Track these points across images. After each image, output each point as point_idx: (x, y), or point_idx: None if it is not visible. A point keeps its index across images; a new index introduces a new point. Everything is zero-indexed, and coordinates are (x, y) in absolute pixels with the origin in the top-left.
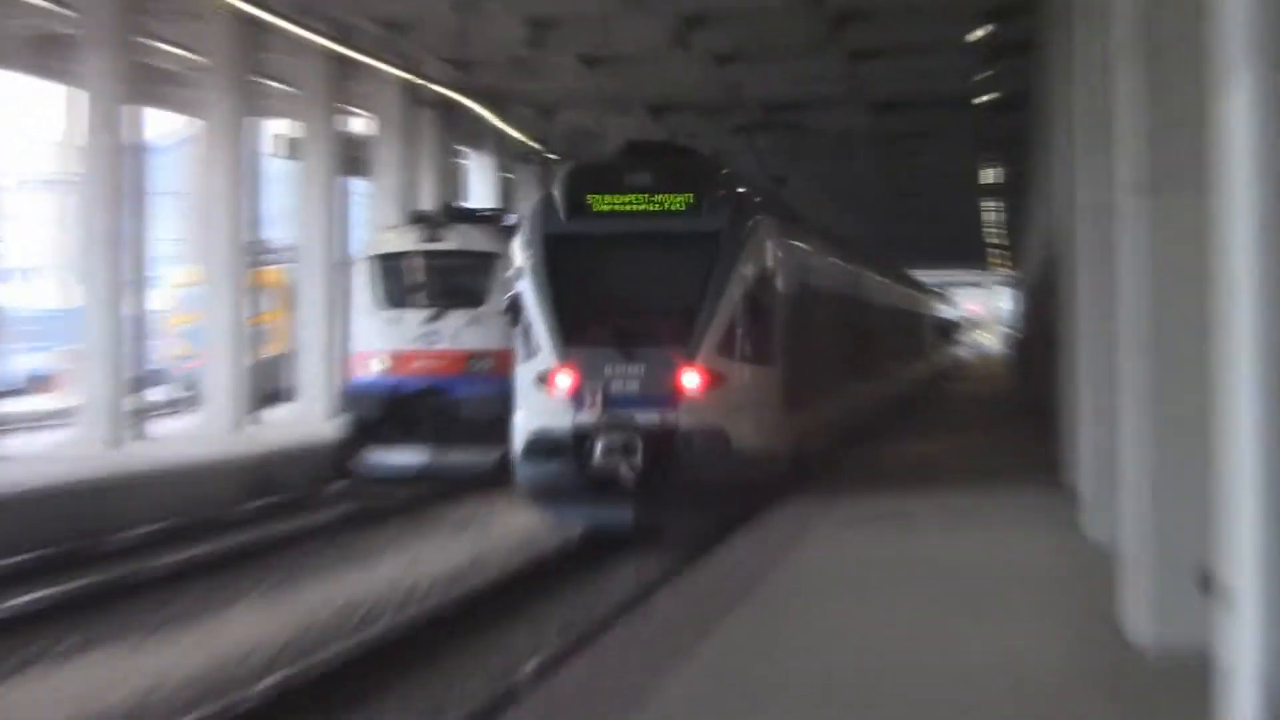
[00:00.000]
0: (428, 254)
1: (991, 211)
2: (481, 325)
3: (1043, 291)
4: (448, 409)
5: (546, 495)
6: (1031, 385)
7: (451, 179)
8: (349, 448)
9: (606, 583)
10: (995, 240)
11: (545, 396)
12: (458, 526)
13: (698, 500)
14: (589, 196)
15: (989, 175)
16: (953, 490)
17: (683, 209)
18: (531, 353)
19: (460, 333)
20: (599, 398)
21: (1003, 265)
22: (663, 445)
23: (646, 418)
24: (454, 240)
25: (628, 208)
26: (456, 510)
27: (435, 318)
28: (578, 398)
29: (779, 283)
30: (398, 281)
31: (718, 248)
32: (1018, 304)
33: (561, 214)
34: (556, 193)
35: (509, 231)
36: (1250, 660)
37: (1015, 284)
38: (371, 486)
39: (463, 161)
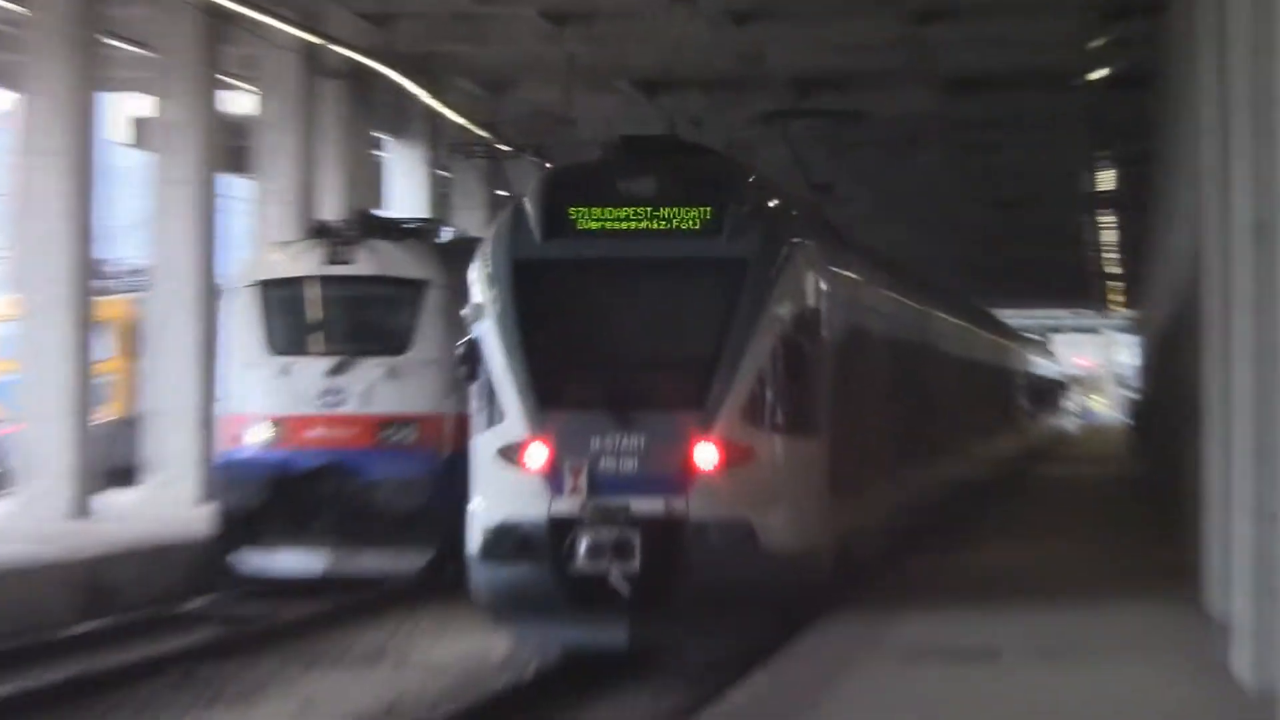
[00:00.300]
0: (331, 281)
1: (1108, 229)
2: (404, 380)
3: (1179, 339)
4: (356, 495)
5: (512, 608)
6: (1160, 468)
7: (366, 177)
8: (220, 546)
9: None
10: (1113, 270)
11: (512, 477)
12: (368, 658)
13: (713, 616)
14: (572, 210)
15: (1104, 180)
16: (1051, 613)
17: (698, 228)
18: (494, 419)
19: (374, 390)
20: (584, 479)
21: (1123, 304)
22: (668, 543)
23: (647, 506)
24: (368, 262)
25: (624, 225)
26: (367, 634)
27: (340, 369)
28: (555, 479)
29: (825, 327)
30: (289, 319)
31: (744, 280)
32: (1143, 356)
33: (536, 233)
34: (529, 205)
35: (445, 251)
36: None
37: (1140, 329)
38: (251, 600)
39: (382, 154)
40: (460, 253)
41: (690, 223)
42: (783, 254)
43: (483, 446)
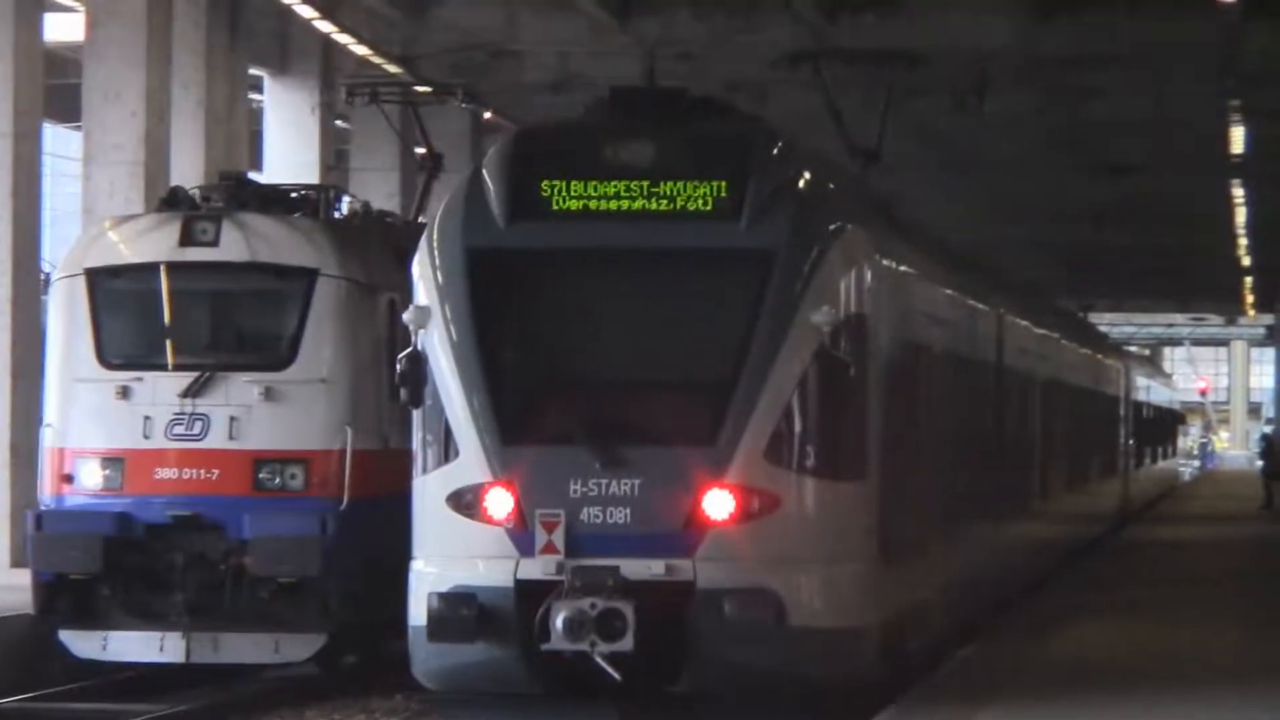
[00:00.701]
0: (188, 269)
1: (1244, 205)
2: (287, 404)
3: None
4: (222, 558)
5: (468, 699)
6: None
7: (237, 129)
8: (43, 626)
9: None
10: (1249, 261)
11: (468, 530)
12: None
13: (726, 711)
14: (546, 185)
15: (1239, 139)
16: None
17: (710, 209)
18: (444, 456)
19: (247, 418)
20: (560, 534)
21: (1261, 306)
22: (670, 616)
23: (642, 569)
24: (238, 244)
25: (614, 205)
26: None
27: (199, 389)
28: (524, 533)
29: (874, 339)
30: (131, 320)
31: (770, 277)
32: None
33: (498, 215)
34: (489, 176)
35: (343, 230)
36: None
37: None
38: (86, 696)
39: (258, 98)
40: (363, 231)
41: (700, 202)
42: (820, 244)
43: (428, 491)
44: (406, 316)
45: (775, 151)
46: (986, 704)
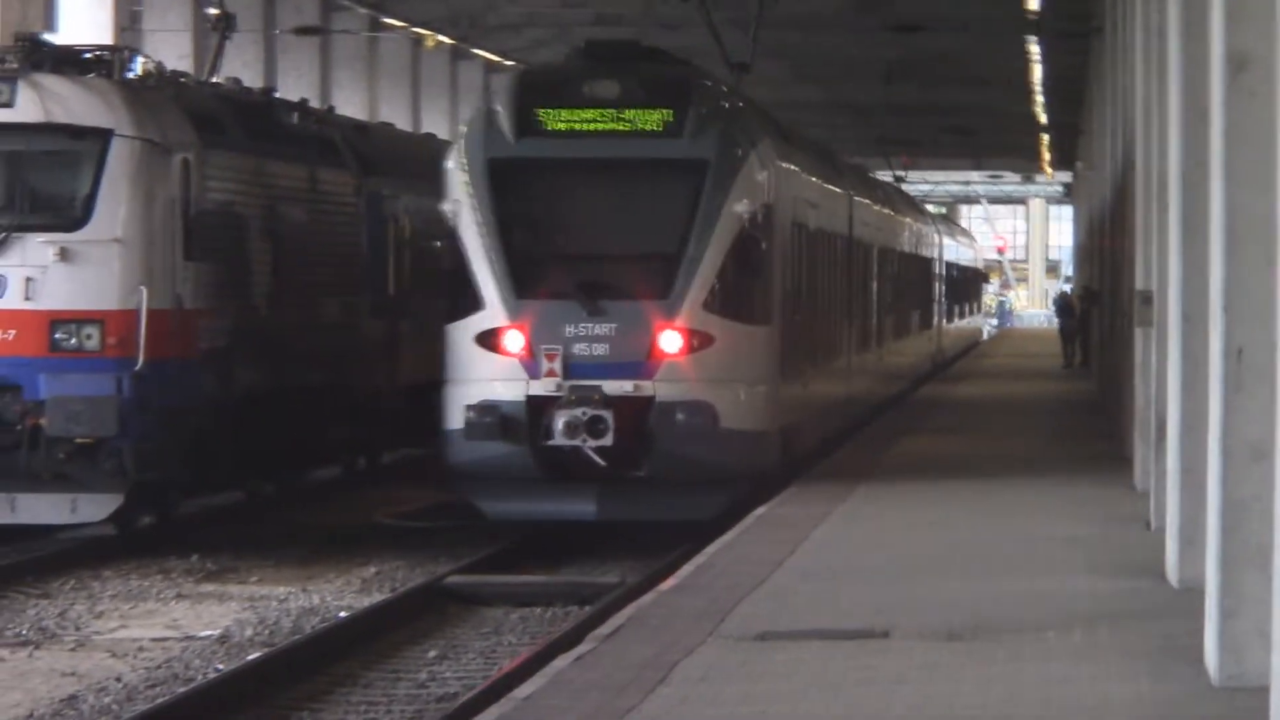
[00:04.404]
0: None
1: (1039, 63)
2: (83, 265)
3: (1121, 211)
4: (18, 419)
5: (489, 483)
6: (1107, 387)
7: None
8: None
9: None
10: (1044, 119)
11: (490, 361)
12: (35, 636)
13: (675, 491)
14: (540, 111)
15: None
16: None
17: (660, 129)
18: (472, 307)
19: (42, 278)
20: (559, 363)
21: (1058, 164)
22: (637, 422)
23: (618, 388)
24: (32, 104)
25: (591, 126)
26: (32, 605)
27: None
28: (531, 362)
29: (779, 222)
30: None
31: (705, 178)
32: (1082, 235)
33: (508, 133)
34: (499, 107)
35: (137, 91)
36: None
37: (1079, 197)
38: None
39: None
40: (157, 92)
41: (653, 124)
42: (740, 154)
43: (459, 334)
44: (445, 206)
45: (707, 87)
46: (858, 483)
